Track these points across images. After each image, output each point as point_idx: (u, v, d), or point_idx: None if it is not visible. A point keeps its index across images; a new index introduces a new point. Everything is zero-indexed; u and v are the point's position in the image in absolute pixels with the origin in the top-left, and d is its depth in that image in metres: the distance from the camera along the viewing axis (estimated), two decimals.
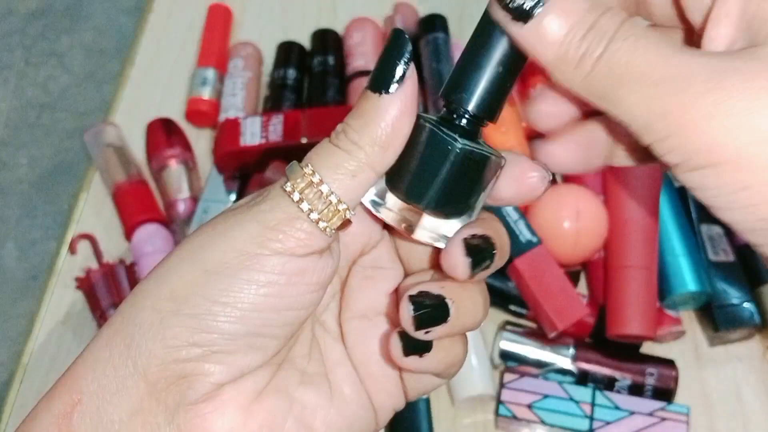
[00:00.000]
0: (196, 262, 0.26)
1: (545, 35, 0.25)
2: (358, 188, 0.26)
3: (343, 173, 0.26)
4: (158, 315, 0.26)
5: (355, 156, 0.26)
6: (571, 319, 0.53)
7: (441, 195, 0.27)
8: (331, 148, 0.26)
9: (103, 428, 0.26)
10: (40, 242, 0.66)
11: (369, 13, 0.74)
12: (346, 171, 0.26)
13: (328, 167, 0.26)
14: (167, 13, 0.79)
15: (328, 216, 0.26)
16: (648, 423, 0.52)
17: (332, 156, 0.26)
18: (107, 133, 0.69)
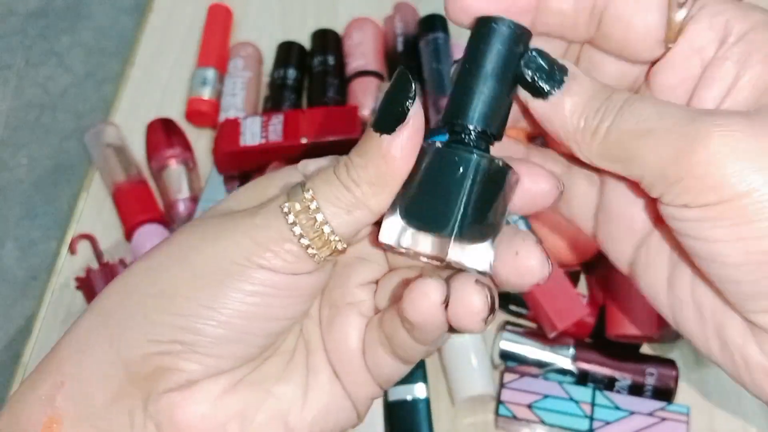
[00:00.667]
0: (186, 264, 0.26)
1: (564, 111, 0.27)
2: (352, 224, 0.26)
3: (339, 207, 0.26)
4: (143, 310, 0.26)
5: (353, 193, 0.26)
6: (571, 319, 0.53)
7: (465, 216, 0.25)
8: (332, 178, 0.26)
9: (85, 411, 0.27)
10: (40, 242, 0.66)
11: (369, 13, 0.74)
12: (342, 205, 0.26)
13: (327, 198, 0.26)
14: (167, 13, 0.79)
15: (318, 244, 0.26)
16: (648, 423, 0.52)
17: (332, 187, 0.26)
18: (107, 133, 0.69)
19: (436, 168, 0.26)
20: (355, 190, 0.26)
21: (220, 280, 0.26)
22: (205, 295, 0.26)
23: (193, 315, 0.26)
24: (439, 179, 0.26)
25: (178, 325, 0.26)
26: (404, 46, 0.71)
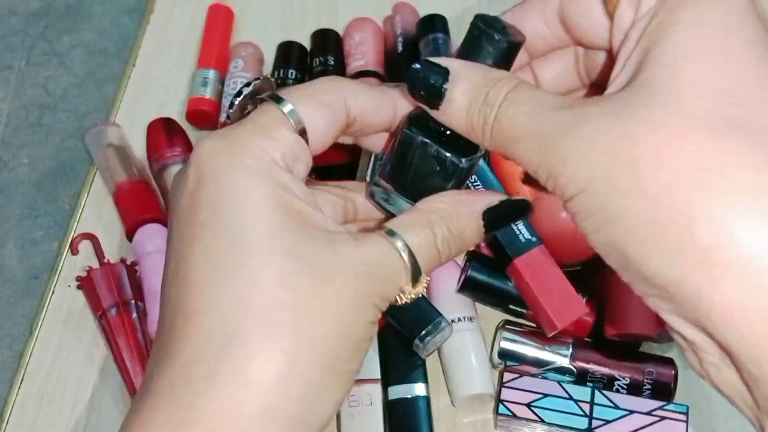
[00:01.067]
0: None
1: (453, 114, 0.29)
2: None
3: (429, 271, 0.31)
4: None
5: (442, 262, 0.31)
6: (570, 318, 0.53)
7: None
8: (435, 251, 0.30)
9: None
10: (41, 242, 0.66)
11: (369, 13, 0.74)
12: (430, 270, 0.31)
13: (426, 266, 0.30)
14: (168, 14, 0.79)
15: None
16: (647, 422, 0.52)
17: (433, 261, 0.31)
18: (108, 133, 0.69)
19: (425, 164, 0.31)
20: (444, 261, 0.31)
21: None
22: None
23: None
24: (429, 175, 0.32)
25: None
26: (404, 46, 0.71)
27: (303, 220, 0.27)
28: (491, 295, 0.58)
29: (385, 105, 0.32)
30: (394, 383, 0.55)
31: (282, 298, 0.25)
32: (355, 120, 0.32)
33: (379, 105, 0.32)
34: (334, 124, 0.31)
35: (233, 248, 0.26)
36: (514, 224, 0.57)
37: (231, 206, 0.27)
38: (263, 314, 0.25)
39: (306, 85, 0.31)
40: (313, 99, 0.30)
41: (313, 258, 0.26)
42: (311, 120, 0.30)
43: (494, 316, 0.59)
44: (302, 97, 0.30)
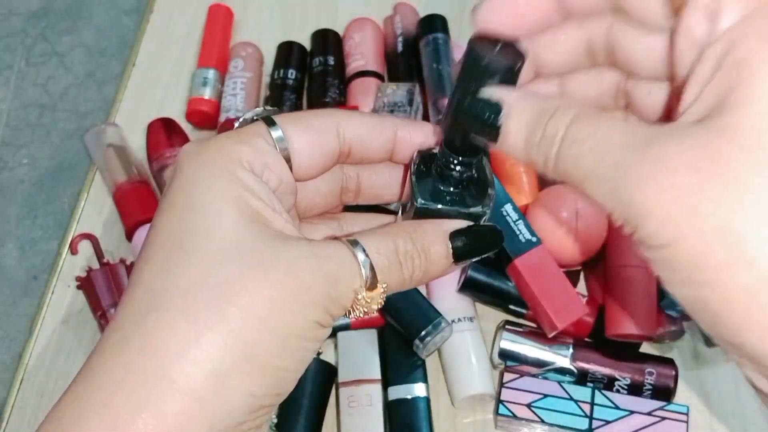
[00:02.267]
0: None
1: (512, 149, 0.28)
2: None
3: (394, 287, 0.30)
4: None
5: (405, 281, 0.30)
6: (571, 318, 0.53)
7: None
8: (398, 270, 0.29)
9: None
10: (41, 242, 0.66)
11: (369, 13, 0.74)
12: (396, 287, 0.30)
13: (390, 284, 0.29)
14: (168, 14, 0.79)
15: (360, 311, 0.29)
16: (647, 422, 0.52)
17: (396, 276, 0.29)
18: (108, 133, 0.69)
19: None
20: (407, 284, 0.30)
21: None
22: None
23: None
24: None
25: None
26: (404, 46, 0.71)
27: (257, 219, 0.27)
28: (491, 295, 0.58)
29: (382, 131, 0.32)
30: (394, 383, 0.55)
31: (211, 280, 0.26)
32: (351, 147, 0.32)
33: (376, 131, 0.32)
34: (322, 147, 0.31)
35: (179, 232, 0.27)
36: (514, 225, 0.57)
37: (189, 194, 0.27)
38: (186, 292, 0.25)
39: (300, 111, 0.32)
40: (301, 121, 0.31)
41: (256, 250, 0.26)
42: (296, 139, 0.30)
43: (494, 316, 0.59)
44: (291, 119, 0.31)
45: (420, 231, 0.30)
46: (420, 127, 0.33)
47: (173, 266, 0.26)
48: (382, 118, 0.33)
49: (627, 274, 0.55)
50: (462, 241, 0.31)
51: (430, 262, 0.30)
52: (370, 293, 0.28)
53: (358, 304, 0.28)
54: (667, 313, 0.56)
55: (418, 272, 0.30)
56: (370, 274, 0.28)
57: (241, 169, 0.28)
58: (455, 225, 0.31)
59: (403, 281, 0.30)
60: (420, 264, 0.30)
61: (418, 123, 0.33)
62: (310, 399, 0.55)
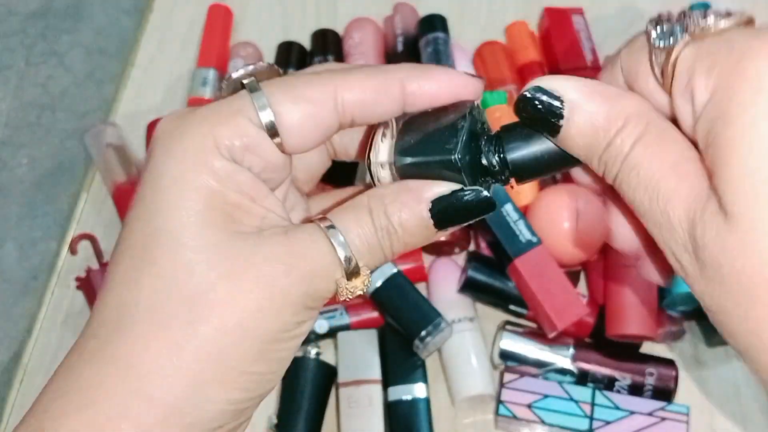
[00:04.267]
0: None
1: (571, 150, 0.26)
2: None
3: (373, 265, 0.28)
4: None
5: (386, 256, 0.28)
6: (571, 318, 0.53)
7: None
8: (377, 247, 0.27)
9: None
10: (41, 242, 0.66)
11: (369, 13, 0.74)
12: (376, 263, 0.28)
13: (367, 263, 0.27)
14: (167, 13, 0.79)
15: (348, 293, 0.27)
16: (648, 423, 0.52)
17: (374, 255, 0.27)
18: (107, 133, 0.69)
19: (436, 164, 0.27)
20: (389, 257, 0.28)
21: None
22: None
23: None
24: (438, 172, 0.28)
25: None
26: (404, 46, 0.71)
27: (230, 216, 0.26)
28: (491, 295, 0.58)
29: (388, 91, 0.28)
30: (394, 384, 0.55)
31: (179, 293, 0.25)
32: (352, 117, 0.28)
33: (381, 93, 0.28)
34: (316, 120, 0.27)
35: (145, 235, 0.26)
36: (514, 225, 0.57)
37: (157, 190, 0.26)
38: (155, 306, 0.25)
39: (292, 76, 0.28)
40: (292, 91, 0.27)
41: (226, 256, 0.25)
42: (286, 114, 0.27)
43: (494, 317, 0.59)
44: (280, 89, 0.27)
45: (396, 203, 0.27)
46: (430, 75, 0.28)
47: (141, 275, 0.25)
48: (386, 72, 0.28)
49: (627, 274, 0.55)
50: (443, 208, 0.27)
51: (408, 234, 0.27)
52: (352, 282, 0.27)
53: (341, 292, 0.27)
54: (668, 314, 0.56)
55: (397, 246, 0.28)
56: (351, 262, 0.26)
57: (217, 157, 0.26)
58: (436, 191, 0.27)
59: (384, 258, 0.28)
60: (399, 238, 0.27)
61: (427, 70, 0.29)
62: (310, 400, 0.55)
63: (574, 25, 0.70)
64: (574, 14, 0.71)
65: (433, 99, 0.29)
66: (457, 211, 0.27)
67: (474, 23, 0.76)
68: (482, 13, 0.76)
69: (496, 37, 0.72)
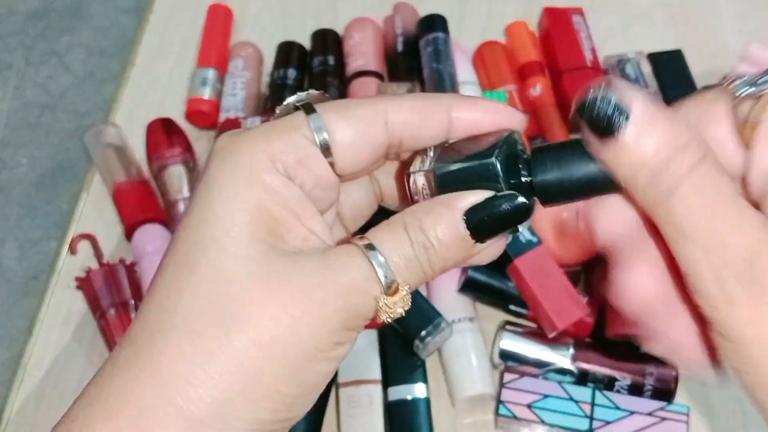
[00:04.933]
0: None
1: (623, 165, 0.25)
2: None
3: (415, 282, 0.27)
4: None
5: (426, 274, 0.27)
6: (571, 318, 0.53)
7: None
8: (415, 264, 0.27)
9: None
10: (41, 242, 0.66)
11: (369, 13, 0.74)
12: (417, 281, 0.27)
13: (408, 280, 0.27)
14: (167, 13, 0.79)
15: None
16: (648, 423, 0.52)
17: (413, 273, 0.27)
18: (107, 133, 0.69)
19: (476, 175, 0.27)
20: (429, 274, 0.27)
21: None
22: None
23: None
24: (475, 182, 0.27)
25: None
26: (404, 46, 0.71)
27: (274, 230, 0.26)
28: (492, 295, 0.58)
29: (435, 114, 0.28)
30: (394, 384, 0.55)
31: (216, 301, 0.25)
32: (401, 138, 0.28)
33: (428, 116, 0.28)
34: (368, 138, 0.28)
35: (190, 244, 0.26)
36: None
37: (207, 200, 0.26)
38: (191, 313, 0.25)
39: (344, 100, 0.29)
40: (345, 110, 0.28)
41: (265, 268, 0.25)
42: (339, 130, 0.27)
43: (494, 317, 0.59)
44: (334, 108, 0.28)
45: (431, 216, 0.27)
46: (476, 104, 0.29)
47: (182, 282, 0.25)
48: (434, 99, 0.29)
49: None
50: (478, 218, 0.27)
51: (446, 248, 0.27)
52: (391, 298, 0.26)
53: (381, 311, 0.26)
54: None
55: (436, 262, 0.27)
56: (389, 277, 0.26)
57: (268, 170, 0.26)
58: (470, 200, 0.27)
59: (425, 276, 0.27)
60: (437, 253, 0.27)
61: (473, 100, 0.29)
62: None
63: (574, 25, 0.70)
64: (574, 14, 0.71)
65: (477, 127, 0.29)
66: (492, 219, 0.27)
67: (474, 23, 0.76)
68: (482, 13, 0.77)
69: (496, 37, 0.72)
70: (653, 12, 0.76)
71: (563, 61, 0.67)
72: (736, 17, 0.75)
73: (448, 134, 0.29)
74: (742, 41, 0.71)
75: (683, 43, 0.71)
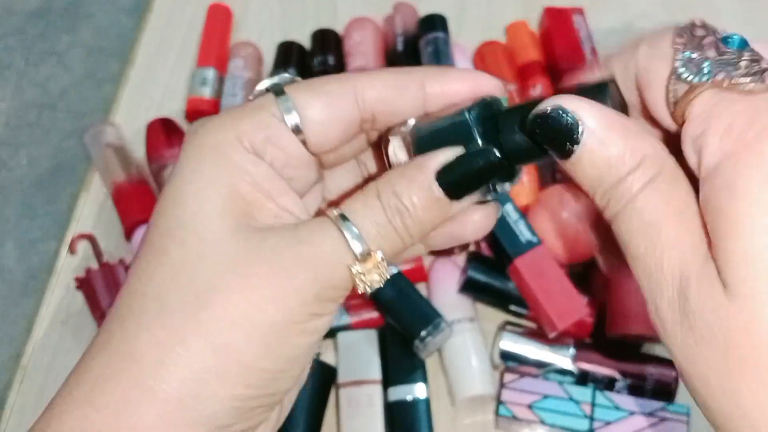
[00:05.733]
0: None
1: (579, 178, 0.26)
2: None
3: (392, 252, 0.27)
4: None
5: (404, 242, 0.27)
6: (571, 319, 0.53)
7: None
8: (390, 229, 0.26)
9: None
10: (40, 242, 0.66)
11: (369, 13, 0.74)
12: (395, 251, 0.27)
13: (381, 246, 0.26)
14: (167, 13, 0.79)
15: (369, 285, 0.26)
16: (648, 423, 0.52)
17: (388, 240, 0.26)
18: (107, 133, 0.69)
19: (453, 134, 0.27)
20: (407, 240, 0.27)
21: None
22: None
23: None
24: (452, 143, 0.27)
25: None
26: (404, 46, 0.71)
27: (244, 208, 0.26)
28: (492, 295, 0.58)
29: (407, 89, 0.28)
30: (394, 384, 0.55)
31: (185, 282, 0.25)
32: (373, 112, 0.28)
33: (400, 90, 0.28)
34: (338, 113, 0.28)
35: (161, 228, 0.26)
36: (514, 225, 0.57)
37: (179, 182, 0.26)
38: (161, 295, 0.25)
39: (315, 79, 0.28)
40: (313, 88, 0.28)
41: (234, 246, 0.25)
42: (308, 107, 0.27)
43: (494, 317, 0.59)
44: (302, 87, 0.28)
45: (404, 179, 0.26)
46: (448, 74, 0.29)
47: (152, 266, 0.26)
48: (406, 72, 0.28)
49: (628, 274, 0.55)
50: (451, 176, 0.26)
51: (421, 211, 0.26)
52: (366, 265, 0.26)
53: (357, 280, 0.26)
54: None
55: (413, 226, 0.26)
56: (362, 246, 0.26)
57: (237, 149, 0.26)
58: (440, 158, 0.26)
59: (402, 241, 0.27)
60: (412, 216, 0.26)
61: (446, 70, 0.29)
62: (310, 400, 0.55)
63: (574, 25, 0.70)
64: (574, 14, 0.71)
65: (454, 98, 0.28)
66: (464, 175, 0.26)
67: (474, 23, 0.76)
68: (482, 13, 0.76)
69: (496, 37, 0.72)
70: (653, 12, 0.76)
71: (563, 61, 0.67)
72: (736, 17, 0.75)
73: (424, 107, 0.29)
74: None
75: None
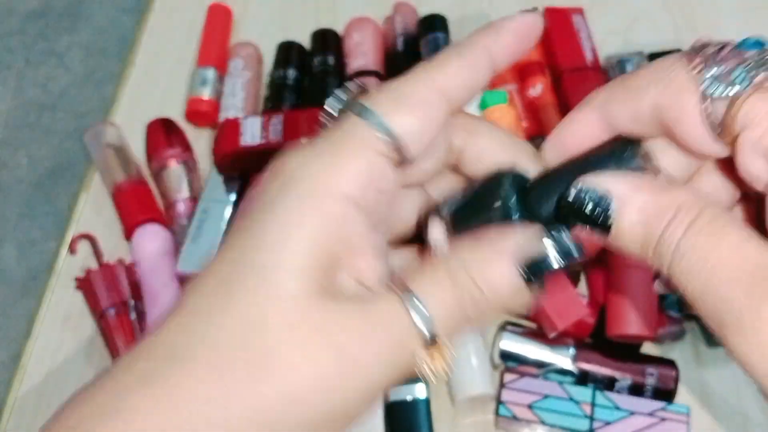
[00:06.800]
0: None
1: (626, 249, 0.25)
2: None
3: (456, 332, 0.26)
4: None
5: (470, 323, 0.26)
6: (571, 319, 0.53)
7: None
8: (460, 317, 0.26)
9: None
10: (40, 242, 0.66)
11: (369, 13, 0.74)
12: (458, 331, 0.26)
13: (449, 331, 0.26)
14: (167, 13, 0.79)
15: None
16: (648, 423, 0.52)
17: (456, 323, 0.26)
18: (107, 133, 0.69)
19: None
20: (474, 323, 0.26)
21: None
22: None
23: None
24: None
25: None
26: (404, 46, 0.71)
27: (324, 265, 0.24)
28: None
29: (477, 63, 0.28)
30: None
31: (248, 337, 0.23)
32: (454, 99, 0.27)
33: (471, 66, 0.28)
34: (431, 122, 0.26)
35: (232, 267, 0.24)
36: None
37: (261, 225, 0.24)
38: (219, 344, 0.23)
39: (392, 86, 0.26)
40: (402, 102, 0.26)
41: (304, 311, 0.23)
42: (404, 128, 0.25)
43: (495, 317, 0.59)
44: (390, 103, 0.26)
45: (478, 261, 0.25)
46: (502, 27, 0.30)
47: (215, 310, 0.24)
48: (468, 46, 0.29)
49: (627, 274, 0.55)
50: (531, 265, 0.25)
51: (499, 296, 0.25)
52: (432, 354, 0.25)
53: (421, 369, 0.25)
54: (668, 314, 0.56)
55: (486, 313, 0.26)
56: (428, 330, 0.24)
57: (337, 198, 0.24)
58: (517, 240, 0.25)
59: (468, 324, 0.26)
60: (486, 302, 0.25)
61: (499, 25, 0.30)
62: None
63: (574, 25, 0.70)
64: (574, 14, 0.71)
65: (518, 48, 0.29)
66: (543, 263, 0.25)
67: (474, 23, 0.75)
68: (482, 13, 0.76)
69: None
70: (653, 12, 0.76)
71: (563, 61, 0.67)
72: (736, 17, 0.75)
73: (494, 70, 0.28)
74: None
75: (683, 43, 0.71)
